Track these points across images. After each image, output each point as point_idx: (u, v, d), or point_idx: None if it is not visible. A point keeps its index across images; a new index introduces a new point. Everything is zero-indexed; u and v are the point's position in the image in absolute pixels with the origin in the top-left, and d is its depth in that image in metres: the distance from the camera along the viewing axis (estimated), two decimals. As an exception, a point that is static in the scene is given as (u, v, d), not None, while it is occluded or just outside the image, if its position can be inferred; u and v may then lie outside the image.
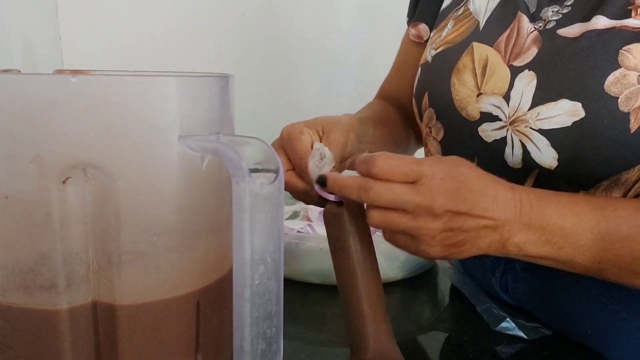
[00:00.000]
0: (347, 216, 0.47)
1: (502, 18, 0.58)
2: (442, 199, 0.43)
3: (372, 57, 1.26)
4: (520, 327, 0.60)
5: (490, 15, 0.60)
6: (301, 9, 1.24)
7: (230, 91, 0.40)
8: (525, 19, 0.55)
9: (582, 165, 0.49)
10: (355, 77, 1.29)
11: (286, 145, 0.52)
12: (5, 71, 0.37)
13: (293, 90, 1.27)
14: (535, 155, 0.51)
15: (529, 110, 0.51)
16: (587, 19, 0.51)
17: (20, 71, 0.37)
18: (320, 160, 0.50)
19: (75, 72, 0.32)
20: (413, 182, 0.43)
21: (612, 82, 0.47)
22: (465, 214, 0.44)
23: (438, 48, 0.64)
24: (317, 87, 1.28)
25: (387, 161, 0.43)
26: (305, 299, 0.69)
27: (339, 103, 1.28)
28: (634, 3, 0.49)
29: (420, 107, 0.65)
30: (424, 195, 0.43)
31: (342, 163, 0.52)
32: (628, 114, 0.47)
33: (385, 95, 0.82)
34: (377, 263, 0.49)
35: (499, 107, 0.54)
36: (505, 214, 0.45)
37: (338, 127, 0.55)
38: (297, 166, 0.51)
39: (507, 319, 0.61)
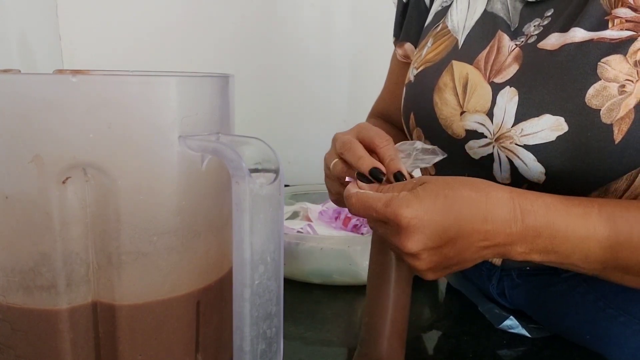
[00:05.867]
0: None
1: (481, 36, 0.58)
2: (410, 238, 0.42)
3: (365, 60, 1.26)
4: (524, 325, 0.60)
5: (469, 33, 0.59)
6: (301, 10, 1.24)
7: (230, 91, 0.40)
8: (505, 38, 0.55)
9: (570, 178, 0.49)
10: (351, 79, 1.29)
11: (363, 130, 0.53)
12: (5, 71, 0.37)
13: (293, 90, 1.27)
14: (523, 170, 0.51)
15: (512, 126, 0.51)
16: (565, 29, 0.51)
17: (20, 71, 0.37)
18: (421, 153, 0.50)
19: (75, 72, 0.32)
20: (386, 223, 0.44)
21: (593, 95, 0.47)
22: (444, 246, 0.43)
23: (419, 67, 0.63)
24: (317, 88, 1.28)
25: (359, 201, 0.45)
26: (305, 299, 0.69)
27: (339, 103, 1.28)
28: (611, 14, 0.49)
29: (408, 127, 0.65)
30: (394, 234, 0.43)
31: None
32: (611, 125, 0.46)
33: (381, 116, 0.81)
34: (412, 272, 0.49)
35: (483, 125, 0.54)
36: (503, 227, 0.44)
37: None
38: (385, 147, 0.50)
39: (510, 316, 0.61)
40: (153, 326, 0.36)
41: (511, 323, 0.60)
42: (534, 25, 0.53)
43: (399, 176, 0.48)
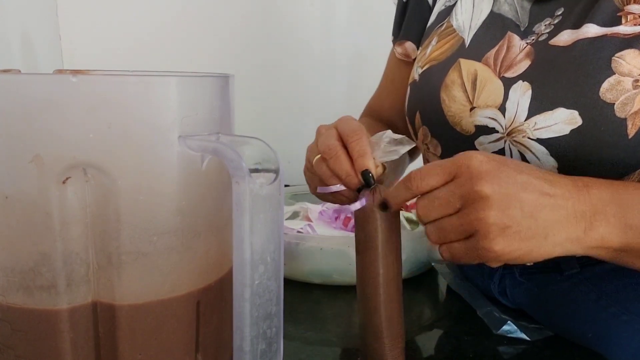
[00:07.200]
0: (379, 217, 0.46)
1: (489, 37, 0.58)
2: (484, 179, 0.40)
3: (366, 59, 1.26)
4: (523, 329, 0.60)
5: (476, 33, 0.59)
6: (301, 9, 1.24)
7: (230, 91, 0.40)
8: (516, 38, 0.55)
9: (582, 173, 0.49)
10: (352, 78, 1.29)
11: (341, 124, 0.51)
12: (5, 71, 0.37)
13: (293, 90, 1.27)
14: (535, 164, 0.51)
15: (525, 120, 0.51)
16: (577, 26, 0.51)
17: (20, 71, 0.37)
18: (390, 145, 0.49)
19: (75, 72, 0.32)
20: (453, 179, 0.42)
21: (607, 89, 0.47)
22: (517, 192, 0.40)
23: (424, 66, 0.63)
24: (317, 88, 1.28)
25: (421, 171, 0.43)
26: (305, 299, 0.69)
27: (339, 103, 1.28)
28: (624, 10, 0.49)
29: (414, 126, 0.65)
30: (464, 183, 0.40)
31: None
32: (625, 119, 0.47)
33: (374, 114, 0.81)
34: (401, 274, 0.49)
35: (494, 119, 0.54)
36: (570, 193, 0.41)
37: None
38: (354, 142, 0.48)
39: (509, 321, 0.61)
40: (153, 326, 0.36)
41: (509, 328, 0.60)
42: (545, 24, 0.54)
43: (365, 174, 0.47)
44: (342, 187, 0.49)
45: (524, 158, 0.52)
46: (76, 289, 0.35)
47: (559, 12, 0.53)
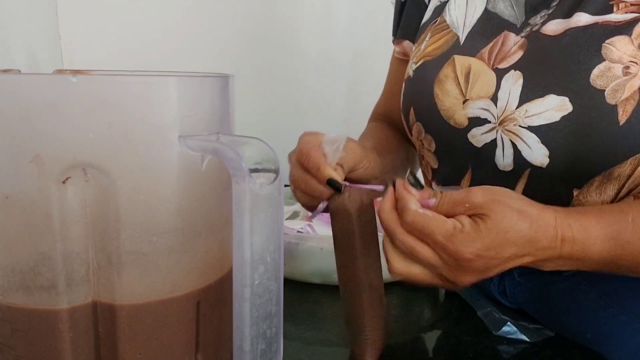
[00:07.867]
0: (353, 207, 0.48)
1: (484, 34, 0.58)
2: (472, 277, 0.44)
3: (365, 59, 1.26)
4: (523, 330, 0.60)
5: (471, 30, 0.59)
6: (301, 10, 1.24)
7: (230, 91, 0.40)
8: (511, 35, 0.55)
9: (574, 161, 0.49)
10: (351, 78, 1.29)
11: (298, 146, 0.52)
12: (5, 71, 0.37)
13: (293, 90, 1.27)
14: (527, 153, 0.51)
15: (516, 108, 0.51)
16: (568, 15, 0.51)
17: (20, 71, 0.37)
18: (331, 145, 0.49)
19: (75, 72, 0.32)
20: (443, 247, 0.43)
21: (598, 75, 0.47)
22: (496, 267, 0.44)
23: (418, 62, 0.63)
24: (317, 87, 1.28)
25: (422, 220, 0.43)
26: (305, 299, 0.69)
27: (339, 103, 1.28)
28: None
29: (408, 123, 0.65)
30: (448, 269, 0.44)
31: (353, 172, 0.52)
32: (616, 106, 0.47)
33: (383, 118, 0.81)
34: (379, 256, 0.50)
35: (487, 110, 0.54)
36: (542, 255, 0.44)
37: (357, 142, 0.55)
38: (306, 161, 0.50)
39: (508, 322, 0.61)
40: (153, 326, 0.36)
41: (509, 329, 0.60)
42: (541, 16, 0.54)
43: (332, 182, 0.48)
44: (324, 204, 0.51)
45: (515, 148, 0.52)
46: (76, 289, 0.35)
47: (554, 3, 0.54)
